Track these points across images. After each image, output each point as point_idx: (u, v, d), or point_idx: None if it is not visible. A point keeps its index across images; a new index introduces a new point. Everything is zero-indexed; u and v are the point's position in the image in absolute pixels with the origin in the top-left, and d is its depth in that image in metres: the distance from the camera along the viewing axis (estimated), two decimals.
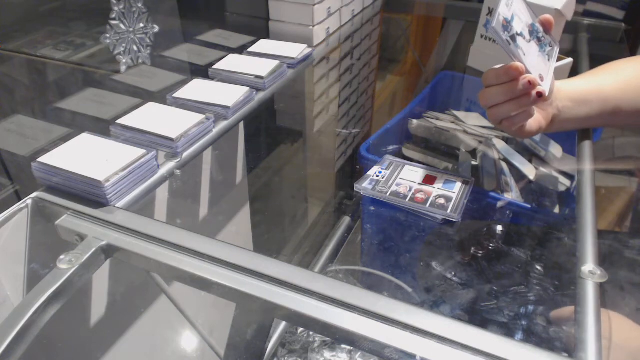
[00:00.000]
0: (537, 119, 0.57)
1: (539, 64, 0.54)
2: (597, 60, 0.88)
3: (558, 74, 0.57)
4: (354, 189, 0.65)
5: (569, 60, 0.81)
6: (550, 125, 0.59)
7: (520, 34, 0.53)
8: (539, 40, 0.55)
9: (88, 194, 0.47)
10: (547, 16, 0.56)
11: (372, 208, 0.70)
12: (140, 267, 0.44)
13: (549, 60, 0.56)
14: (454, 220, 0.59)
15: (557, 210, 0.71)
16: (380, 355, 0.35)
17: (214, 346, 0.63)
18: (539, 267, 0.63)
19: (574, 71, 0.82)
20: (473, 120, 0.86)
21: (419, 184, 0.65)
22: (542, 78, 0.53)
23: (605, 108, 0.58)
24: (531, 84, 0.51)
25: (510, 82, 0.52)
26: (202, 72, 0.73)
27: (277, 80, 0.72)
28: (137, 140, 0.55)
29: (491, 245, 0.67)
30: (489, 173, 0.73)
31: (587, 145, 0.62)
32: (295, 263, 0.40)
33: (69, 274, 0.40)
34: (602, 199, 0.54)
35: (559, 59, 0.78)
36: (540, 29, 0.56)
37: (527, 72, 0.51)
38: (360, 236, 0.81)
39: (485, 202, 0.67)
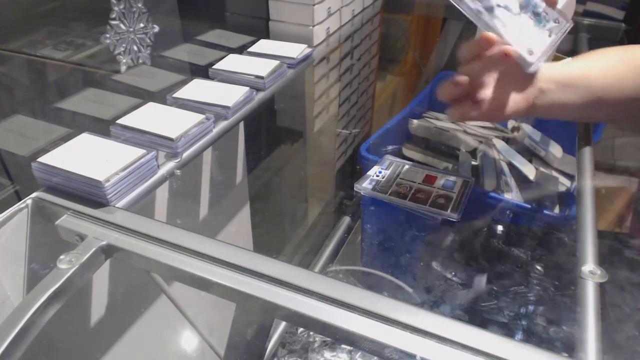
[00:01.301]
0: (514, 99, 0.52)
1: (528, 38, 0.50)
2: None
3: None
4: (354, 189, 0.65)
5: (569, 60, 0.81)
6: (531, 108, 0.54)
7: (504, 7, 0.49)
8: (536, 14, 0.52)
9: (88, 194, 0.47)
10: None
11: (372, 208, 0.70)
12: (140, 267, 0.44)
13: (550, 35, 0.53)
14: (454, 220, 0.59)
15: (557, 210, 0.71)
16: (380, 355, 0.35)
17: (214, 346, 0.63)
18: (539, 267, 0.63)
19: None
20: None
21: (419, 184, 0.65)
22: (531, 52, 0.50)
23: (588, 96, 0.54)
24: (507, 56, 0.47)
25: (484, 55, 0.49)
26: (202, 72, 0.73)
27: (277, 80, 0.72)
28: (137, 140, 0.55)
29: (491, 245, 0.67)
30: (489, 173, 0.73)
31: (587, 146, 0.62)
32: (295, 263, 0.40)
33: (69, 274, 0.40)
34: (602, 199, 0.54)
35: (558, 59, 0.78)
36: (542, 4, 0.52)
37: (507, 44, 0.48)
38: (360, 236, 0.81)
39: (485, 202, 0.67)
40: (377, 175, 0.67)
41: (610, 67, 0.55)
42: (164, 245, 0.43)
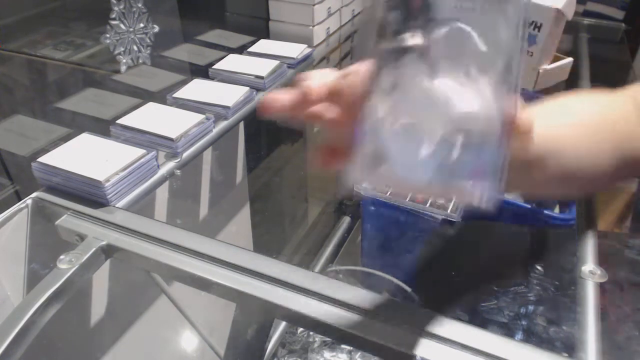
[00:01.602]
0: None
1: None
2: (597, 60, 0.87)
3: (558, 74, 0.55)
4: (354, 188, 0.65)
5: (569, 60, 0.81)
6: None
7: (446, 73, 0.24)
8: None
9: (88, 194, 0.47)
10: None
11: (372, 208, 0.70)
12: (140, 267, 0.44)
13: (439, 170, 0.25)
14: (454, 220, 0.59)
15: (557, 210, 0.71)
16: (380, 355, 0.35)
17: (214, 346, 0.63)
18: (539, 267, 0.63)
19: (574, 71, 0.82)
20: None
21: None
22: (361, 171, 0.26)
23: (560, 172, 0.36)
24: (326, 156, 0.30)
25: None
26: (202, 72, 0.73)
27: (277, 80, 0.72)
28: (137, 140, 0.55)
29: (491, 245, 0.67)
30: None
31: None
32: (295, 263, 0.40)
33: (69, 274, 0.40)
34: (602, 199, 0.54)
35: (558, 59, 0.78)
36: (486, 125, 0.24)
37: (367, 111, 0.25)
38: (360, 236, 0.81)
39: None
40: None
41: (584, 135, 0.37)
42: (164, 245, 0.43)
